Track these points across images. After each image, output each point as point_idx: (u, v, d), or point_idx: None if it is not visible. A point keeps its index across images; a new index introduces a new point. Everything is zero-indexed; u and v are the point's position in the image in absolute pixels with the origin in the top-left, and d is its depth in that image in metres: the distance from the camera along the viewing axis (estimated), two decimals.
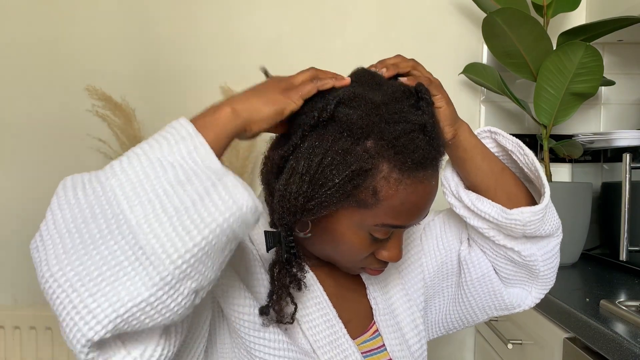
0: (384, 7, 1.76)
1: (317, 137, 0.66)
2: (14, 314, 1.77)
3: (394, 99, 0.68)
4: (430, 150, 0.67)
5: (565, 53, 1.37)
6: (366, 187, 0.66)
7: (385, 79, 0.73)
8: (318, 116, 0.66)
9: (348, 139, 0.65)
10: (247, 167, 1.63)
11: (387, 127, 0.65)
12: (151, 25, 1.77)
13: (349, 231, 0.69)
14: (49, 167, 1.79)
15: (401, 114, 0.66)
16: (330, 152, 0.65)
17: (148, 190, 0.54)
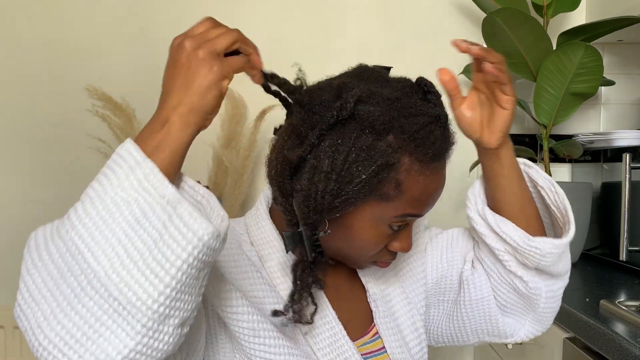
0: (384, 7, 1.76)
1: (338, 135, 0.66)
2: (14, 314, 1.77)
3: (405, 93, 0.69)
4: (445, 140, 0.70)
5: (565, 53, 1.37)
6: (390, 181, 0.67)
7: (387, 75, 0.74)
8: (337, 115, 0.66)
9: (370, 135, 0.66)
10: (247, 167, 1.63)
11: (406, 121, 0.67)
12: (151, 25, 1.77)
13: (368, 225, 0.70)
14: (49, 167, 1.79)
15: (416, 108, 0.68)
16: (355, 149, 0.66)
17: (108, 237, 0.53)
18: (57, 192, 1.79)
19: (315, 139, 0.66)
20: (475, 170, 1.69)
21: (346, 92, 0.67)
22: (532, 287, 0.82)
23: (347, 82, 0.70)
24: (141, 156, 0.56)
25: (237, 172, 1.62)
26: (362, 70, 0.74)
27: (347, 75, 0.74)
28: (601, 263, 1.51)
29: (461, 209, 1.75)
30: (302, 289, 0.69)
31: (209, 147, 1.69)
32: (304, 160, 0.67)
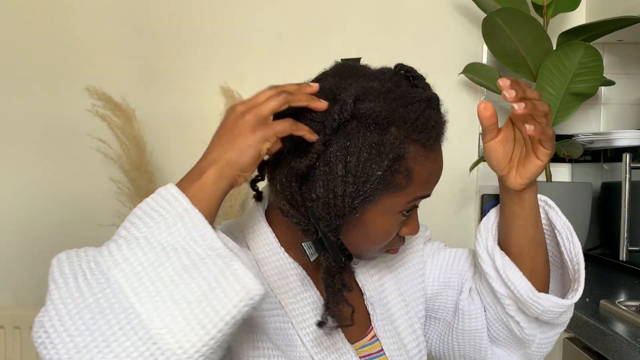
0: (384, 7, 1.76)
1: (344, 137, 0.67)
2: (14, 314, 1.77)
3: (394, 84, 0.70)
4: (441, 121, 0.72)
5: (565, 53, 1.37)
6: (401, 171, 0.69)
7: (367, 67, 0.74)
8: (339, 118, 0.66)
9: (375, 131, 0.67)
10: None
11: (404, 110, 0.68)
12: (151, 25, 1.77)
13: (383, 217, 0.72)
14: (49, 167, 1.79)
15: (410, 96, 0.69)
16: (365, 148, 0.67)
17: (154, 280, 0.53)
18: (57, 192, 1.79)
19: (321, 146, 0.67)
20: (475, 170, 1.69)
21: (341, 94, 0.68)
22: (527, 332, 0.82)
23: (337, 84, 0.70)
24: (189, 205, 0.58)
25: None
26: (343, 68, 0.74)
27: (329, 75, 0.73)
28: (601, 263, 1.51)
29: (461, 209, 1.76)
30: (335, 295, 0.69)
31: None
32: (313, 169, 0.68)
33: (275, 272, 0.76)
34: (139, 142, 1.63)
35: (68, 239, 1.79)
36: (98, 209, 1.75)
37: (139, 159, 1.62)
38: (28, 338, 1.77)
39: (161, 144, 1.76)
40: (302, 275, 0.76)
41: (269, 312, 0.73)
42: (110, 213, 1.71)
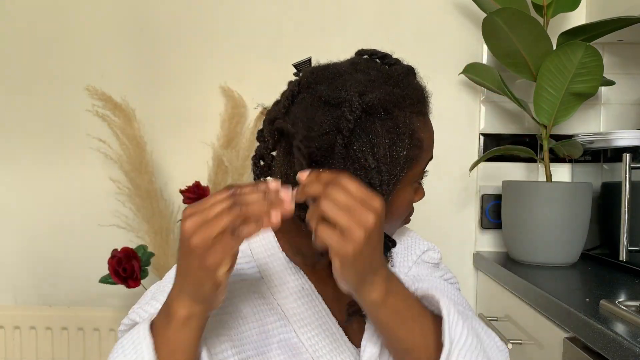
0: (384, 7, 1.75)
1: (363, 132, 0.69)
2: (14, 314, 1.77)
3: (374, 69, 0.75)
4: (424, 87, 0.78)
5: (565, 53, 1.37)
6: (417, 144, 0.72)
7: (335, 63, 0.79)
8: (353, 117, 0.68)
9: (386, 116, 0.70)
10: (247, 167, 1.64)
11: (398, 90, 0.72)
12: (151, 25, 1.77)
13: (405, 192, 0.75)
14: (49, 167, 1.79)
15: (394, 75, 0.74)
16: (385, 135, 0.69)
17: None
18: (57, 192, 1.79)
19: (342, 148, 0.68)
20: (475, 170, 1.69)
21: (342, 95, 0.69)
22: None
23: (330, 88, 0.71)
24: (150, 356, 0.61)
25: (237, 172, 1.62)
26: (317, 73, 0.75)
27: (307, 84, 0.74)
28: (601, 263, 1.51)
29: (461, 209, 1.76)
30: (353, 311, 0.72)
31: (209, 147, 1.69)
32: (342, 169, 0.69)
33: (277, 277, 0.75)
34: (139, 142, 1.63)
35: (68, 239, 1.79)
36: (98, 209, 1.75)
37: (139, 159, 1.62)
38: (28, 338, 1.77)
39: (161, 144, 1.76)
40: (303, 279, 0.76)
41: (272, 325, 0.73)
42: (110, 213, 1.72)
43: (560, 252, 1.47)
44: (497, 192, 1.70)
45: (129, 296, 1.76)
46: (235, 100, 1.69)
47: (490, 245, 1.75)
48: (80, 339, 1.76)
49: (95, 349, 1.76)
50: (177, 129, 1.77)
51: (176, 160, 1.77)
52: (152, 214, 1.62)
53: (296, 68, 0.80)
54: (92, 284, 1.64)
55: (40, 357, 1.77)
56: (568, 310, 1.04)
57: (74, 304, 1.79)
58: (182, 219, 0.59)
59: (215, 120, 1.72)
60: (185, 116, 1.77)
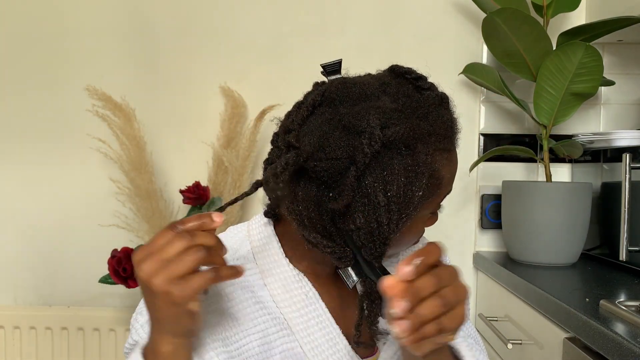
0: (384, 6, 1.75)
1: (379, 167, 0.65)
2: (14, 314, 1.77)
3: (403, 94, 0.69)
4: (455, 119, 0.72)
5: (565, 53, 1.37)
6: (436, 183, 0.69)
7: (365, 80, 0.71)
8: (371, 151, 0.64)
9: (406, 153, 0.66)
10: (247, 167, 1.64)
11: (425, 123, 0.67)
12: (151, 25, 1.77)
13: (417, 223, 0.72)
14: (49, 167, 1.79)
15: (423, 105, 0.68)
16: (401, 173, 0.65)
17: None
18: (57, 192, 1.79)
19: (354, 180, 0.64)
20: (475, 170, 1.69)
21: (363, 124, 0.64)
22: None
23: (351, 113, 0.66)
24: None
25: (237, 172, 1.62)
26: (342, 89, 0.69)
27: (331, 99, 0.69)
28: (601, 263, 1.51)
29: (461, 209, 1.76)
30: (374, 317, 0.68)
31: (209, 147, 1.69)
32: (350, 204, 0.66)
33: (280, 285, 0.74)
34: (139, 142, 1.63)
35: (68, 239, 1.79)
36: (98, 209, 1.75)
37: (139, 159, 1.62)
38: (28, 338, 1.77)
39: (161, 144, 1.76)
40: (307, 287, 0.75)
41: (274, 335, 0.72)
42: (110, 213, 1.71)
43: (560, 252, 1.47)
44: (497, 192, 1.70)
45: (129, 296, 1.76)
46: (235, 100, 1.69)
47: (490, 245, 1.75)
48: (80, 339, 1.76)
49: (95, 349, 1.76)
50: (177, 129, 1.77)
51: (176, 160, 1.77)
52: (152, 214, 1.62)
53: (324, 69, 0.75)
54: (92, 284, 1.64)
55: (40, 357, 1.77)
56: (568, 310, 1.04)
57: (74, 304, 1.79)
58: (135, 263, 0.58)
59: (215, 120, 1.72)
60: (185, 116, 1.77)
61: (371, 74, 0.75)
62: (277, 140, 0.73)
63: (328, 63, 0.74)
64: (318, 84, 0.74)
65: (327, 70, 0.75)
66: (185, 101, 1.77)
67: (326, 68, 0.74)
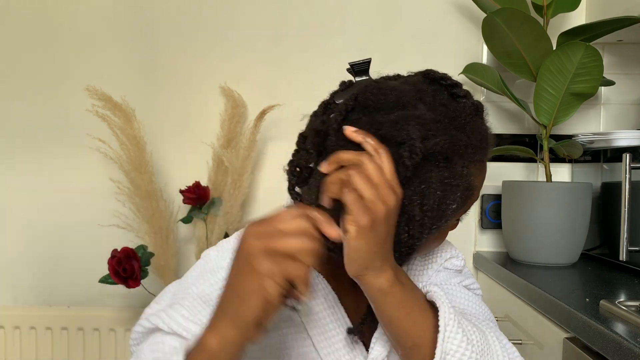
0: (384, 7, 1.75)
1: (417, 180, 0.63)
2: (14, 314, 1.77)
3: (440, 103, 0.67)
4: (489, 129, 0.70)
5: (565, 53, 1.37)
6: (469, 194, 0.68)
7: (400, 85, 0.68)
8: (410, 164, 0.62)
9: (444, 165, 0.64)
10: (247, 167, 1.63)
11: (463, 134, 0.66)
12: (151, 25, 1.77)
13: (446, 230, 0.72)
14: (49, 167, 1.79)
15: (461, 115, 0.67)
16: (438, 186, 0.64)
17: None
18: (58, 192, 1.79)
19: None
20: None
21: (403, 136, 0.62)
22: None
23: (389, 124, 0.64)
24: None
25: (237, 172, 1.62)
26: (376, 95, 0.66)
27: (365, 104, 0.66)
28: (601, 263, 1.51)
29: None
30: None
31: (209, 147, 1.69)
32: None
33: None
34: (139, 142, 1.63)
35: (68, 239, 1.79)
36: (98, 209, 1.75)
37: (139, 159, 1.62)
38: (28, 338, 1.77)
39: (161, 144, 1.76)
40: (326, 290, 0.74)
41: (291, 337, 0.71)
42: (110, 213, 1.71)
43: (560, 252, 1.47)
44: (497, 192, 1.70)
45: (129, 296, 1.76)
46: (235, 100, 1.69)
47: (490, 245, 1.75)
48: (80, 339, 1.76)
49: (95, 349, 1.76)
50: (177, 129, 1.77)
51: (176, 160, 1.77)
52: (152, 214, 1.62)
53: (352, 68, 0.71)
54: (92, 284, 1.64)
55: (40, 357, 1.77)
56: (568, 310, 1.04)
57: (74, 304, 1.79)
58: (249, 236, 0.56)
59: (215, 120, 1.72)
60: (185, 116, 1.77)
61: (403, 77, 0.72)
62: (304, 143, 0.69)
63: (357, 62, 0.71)
64: (346, 83, 0.72)
65: (355, 69, 0.71)
66: (185, 101, 1.77)
67: (354, 67, 0.71)
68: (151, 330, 0.69)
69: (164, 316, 0.67)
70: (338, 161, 0.62)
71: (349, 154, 0.61)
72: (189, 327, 0.66)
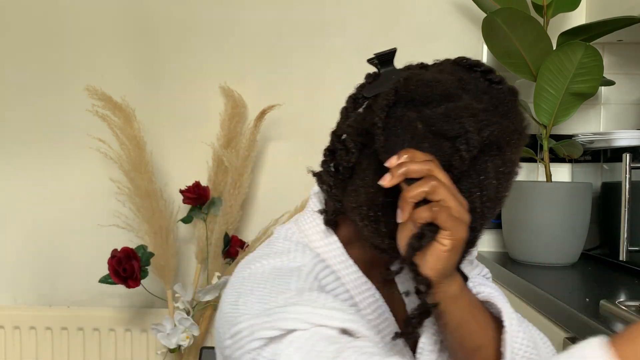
0: (384, 6, 1.75)
1: (475, 172, 0.63)
2: (14, 314, 1.77)
3: (480, 91, 0.66)
4: (523, 110, 0.70)
5: (565, 53, 1.37)
6: (514, 181, 0.68)
7: (439, 75, 0.66)
8: (468, 157, 0.62)
9: (497, 154, 0.64)
10: (247, 167, 1.63)
11: (508, 122, 0.65)
12: (151, 25, 1.77)
13: None
14: (48, 167, 1.79)
15: (503, 101, 0.66)
16: (495, 176, 0.64)
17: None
18: (57, 192, 1.79)
19: None
20: None
21: (456, 129, 0.62)
22: None
23: (440, 117, 0.62)
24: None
25: (237, 172, 1.62)
26: (418, 85, 0.65)
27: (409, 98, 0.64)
28: (601, 263, 1.51)
29: None
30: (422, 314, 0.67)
31: (209, 147, 1.69)
32: None
33: (357, 292, 0.72)
34: (139, 142, 1.63)
35: (68, 239, 1.79)
36: (98, 209, 1.75)
37: (139, 159, 1.62)
38: (27, 338, 1.77)
39: (161, 144, 1.76)
40: (372, 290, 0.73)
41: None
42: (110, 213, 1.71)
43: (560, 252, 1.47)
44: None
45: (129, 296, 1.76)
46: (235, 100, 1.69)
47: (490, 245, 1.75)
48: (80, 339, 1.76)
49: (95, 349, 1.76)
50: (177, 129, 1.77)
51: (176, 160, 1.77)
52: (152, 214, 1.62)
53: (378, 59, 0.70)
54: (92, 284, 1.64)
55: (40, 357, 1.77)
56: (568, 310, 1.04)
57: (74, 304, 1.79)
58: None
59: (215, 120, 1.72)
60: (185, 116, 1.77)
61: (430, 65, 0.71)
62: (344, 141, 0.67)
63: (382, 52, 0.70)
64: (372, 75, 0.71)
65: (380, 60, 0.70)
66: (185, 101, 1.77)
67: (380, 57, 0.70)
68: (279, 336, 0.61)
69: (302, 315, 0.60)
70: (406, 174, 0.60)
71: (418, 165, 0.59)
72: (334, 315, 0.61)
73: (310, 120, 1.72)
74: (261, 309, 0.63)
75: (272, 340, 0.59)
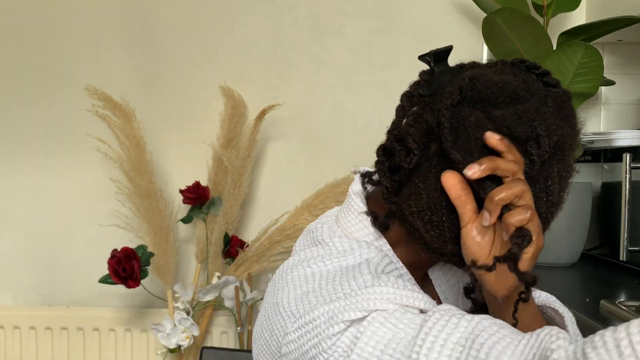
0: (384, 7, 1.75)
1: (542, 176, 0.63)
2: (14, 314, 1.77)
3: (544, 94, 0.65)
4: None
5: (565, 53, 1.37)
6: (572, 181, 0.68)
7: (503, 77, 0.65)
8: (539, 160, 0.61)
9: (560, 158, 0.64)
10: (247, 167, 1.63)
11: (569, 125, 0.65)
12: (151, 26, 1.77)
13: None
14: (48, 167, 1.79)
15: (563, 105, 0.65)
16: (559, 180, 0.64)
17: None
18: (58, 192, 1.79)
19: None
20: None
21: (526, 133, 0.61)
22: None
23: (510, 120, 0.61)
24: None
25: (237, 172, 1.62)
26: (485, 86, 0.64)
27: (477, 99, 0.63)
28: (601, 263, 1.51)
29: None
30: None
31: (209, 146, 1.69)
32: None
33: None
34: (139, 142, 1.63)
35: (68, 239, 1.79)
36: (98, 209, 1.75)
37: (139, 159, 1.62)
38: (27, 338, 1.77)
39: (161, 144, 1.76)
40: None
41: None
42: (110, 213, 1.71)
43: (560, 252, 1.46)
44: None
45: (128, 296, 1.76)
46: (235, 100, 1.69)
47: None
48: (80, 339, 1.76)
49: (95, 349, 1.76)
50: (177, 129, 1.77)
51: (176, 160, 1.77)
52: (152, 214, 1.62)
53: (434, 56, 0.69)
54: (92, 284, 1.64)
55: (40, 357, 1.77)
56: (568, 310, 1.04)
57: (73, 304, 1.79)
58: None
59: (215, 120, 1.72)
60: (185, 116, 1.77)
61: (484, 65, 0.70)
62: (405, 141, 0.65)
63: (438, 50, 0.69)
64: (427, 73, 0.70)
65: (436, 57, 0.70)
66: (185, 101, 1.77)
67: (436, 55, 0.69)
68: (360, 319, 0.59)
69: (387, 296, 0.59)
70: (493, 168, 0.59)
71: (507, 164, 0.59)
72: (417, 296, 0.61)
73: (310, 120, 1.72)
74: (339, 294, 0.61)
75: (354, 323, 0.58)
